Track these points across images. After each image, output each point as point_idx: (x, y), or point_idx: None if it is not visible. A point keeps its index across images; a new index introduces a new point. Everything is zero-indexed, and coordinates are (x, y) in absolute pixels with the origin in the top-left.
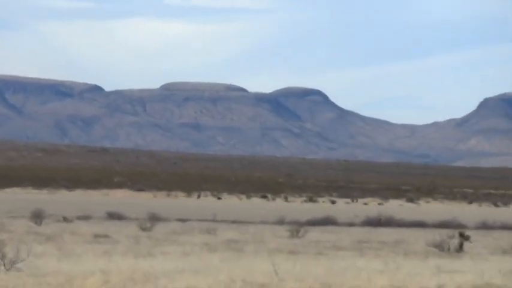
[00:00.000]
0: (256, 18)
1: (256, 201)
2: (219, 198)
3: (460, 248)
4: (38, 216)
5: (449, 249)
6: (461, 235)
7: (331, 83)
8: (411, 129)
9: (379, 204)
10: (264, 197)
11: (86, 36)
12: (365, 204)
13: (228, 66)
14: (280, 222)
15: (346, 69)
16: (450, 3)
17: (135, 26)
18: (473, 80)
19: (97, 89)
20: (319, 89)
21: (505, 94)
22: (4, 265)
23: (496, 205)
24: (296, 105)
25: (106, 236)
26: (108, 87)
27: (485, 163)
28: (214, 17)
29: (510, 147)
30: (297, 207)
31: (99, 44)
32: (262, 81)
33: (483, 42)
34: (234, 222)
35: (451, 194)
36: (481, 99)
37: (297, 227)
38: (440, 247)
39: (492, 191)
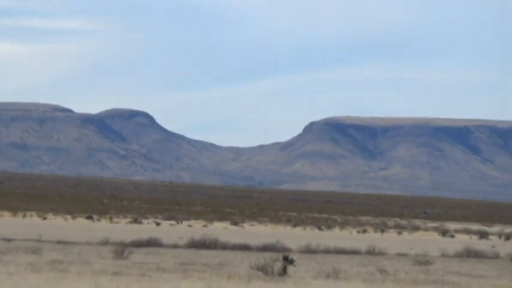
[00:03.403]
0: (83, 40)
1: (82, 221)
2: (44, 218)
3: (284, 271)
4: None
5: (272, 272)
6: (285, 258)
7: (157, 105)
8: (237, 152)
9: (204, 226)
10: (89, 217)
11: None
12: (190, 226)
13: (55, 87)
14: (105, 243)
15: (173, 92)
16: (277, 27)
17: None
18: (298, 104)
19: None
20: (145, 110)
21: (329, 118)
22: None
23: (320, 229)
24: (122, 126)
25: None
26: None
27: (310, 187)
28: (42, 38)
29: (334, 171)
30: (122, 228)
31: None
32: (89, 103)
33: (309, 67)
34: (59, 242)
35: (275, 217)
36: (306, 123)
37: (122, 248)
38: (264, 270)
39: (316, 215)
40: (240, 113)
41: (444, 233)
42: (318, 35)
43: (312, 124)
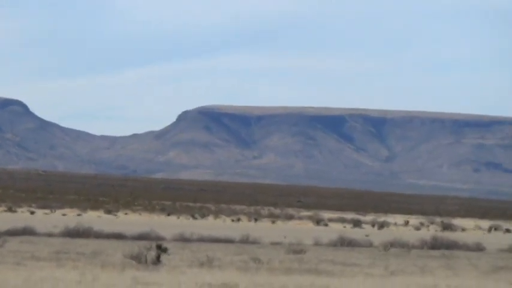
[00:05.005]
0: None
1: None
2: None
3: (158, 260)
4: None
5: (146, 261)
6: (159, 247)
7: (31, 94)
8: (111, 141)
9: (78, 215)
10: None
11: None
12: (64, 215)
13: None
14: None
15: (47, 80)
16: (151, 16)
17: None
18: (172, 93)
19: None
20: (19, 99)
21: (203, 107)
22: None
23: (194, 217)
24: None
25: None
26: None
27: (184, 175)
28: None
29: (208, 159)
30: None
31: None
32: None
33: (182, 56)
34: None
35: (149, 206)
36: (180, 112)
37: None
38: (138, 259)
39: (190, 204)
40: (114, 102)
41: (318, 221)
42: (192, 24)
43: (185, 113)
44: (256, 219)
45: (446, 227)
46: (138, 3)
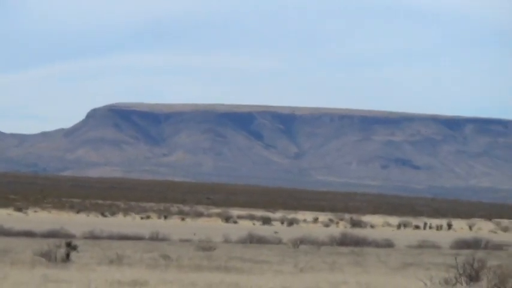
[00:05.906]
0: None
1: None
2: None
3: (67, 257)
4: None
5: (56, 259)
6: (68, 245)
7: None
8: (20, 139)
9: None
10: None
11: None
12: None
13: None
14: None
15: None
16: (60, 14)
17: None
18: (81, 90)
19: None
20: None
21: (112, 105)
22: None
23: (103, 215)
24: None
25: None
26: None
27: (93, 173)
28: None
29: (117, 157)
30: None
31: None
32: None
33: (92, 53)
34: None
35: (59, 203)
36: (89, 110)
37: None
38: (48, 257)
39: (100, 201)
40: (23, 100)
41: (227, 219)
42: (99, 21)
43: (94, 110)
44: (165, 217)
45: (356, 224)
46: (44, 1)
